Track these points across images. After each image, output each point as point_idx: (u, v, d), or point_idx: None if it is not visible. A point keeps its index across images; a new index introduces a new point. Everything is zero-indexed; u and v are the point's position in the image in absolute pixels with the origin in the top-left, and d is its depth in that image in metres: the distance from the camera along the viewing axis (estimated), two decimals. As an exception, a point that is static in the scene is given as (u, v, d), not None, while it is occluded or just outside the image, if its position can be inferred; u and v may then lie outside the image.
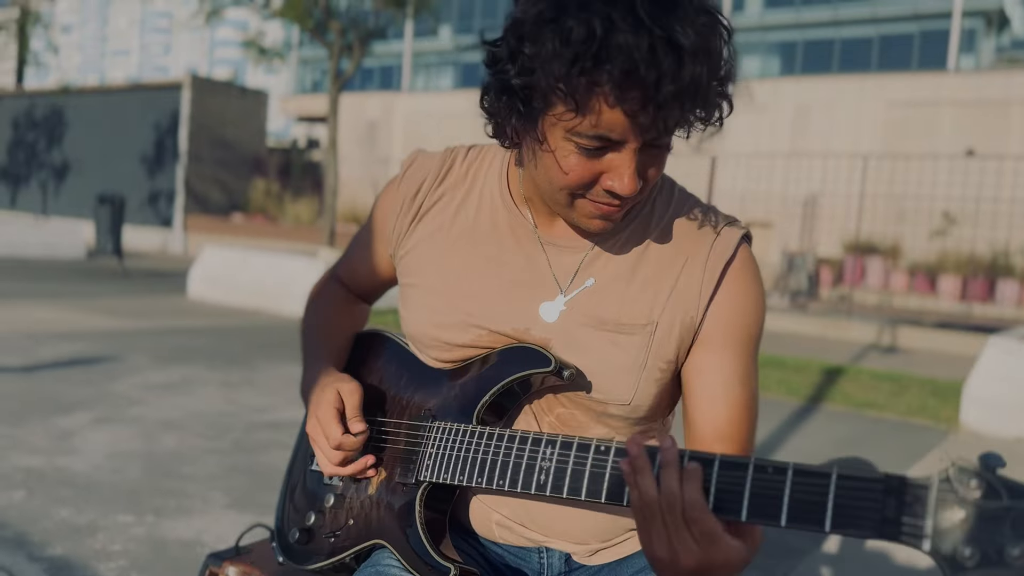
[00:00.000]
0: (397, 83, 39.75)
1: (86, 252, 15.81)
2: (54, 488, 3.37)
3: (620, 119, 0.90)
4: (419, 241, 1.20)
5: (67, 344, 6.56)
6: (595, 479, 0.94)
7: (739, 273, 1.08)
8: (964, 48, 29.23)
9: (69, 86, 25.20)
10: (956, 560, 0.70)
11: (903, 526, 0.73)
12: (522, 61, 0.92)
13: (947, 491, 0.71)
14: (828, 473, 0.77)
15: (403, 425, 1.17)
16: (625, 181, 0.95)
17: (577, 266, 1.11)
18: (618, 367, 1.08)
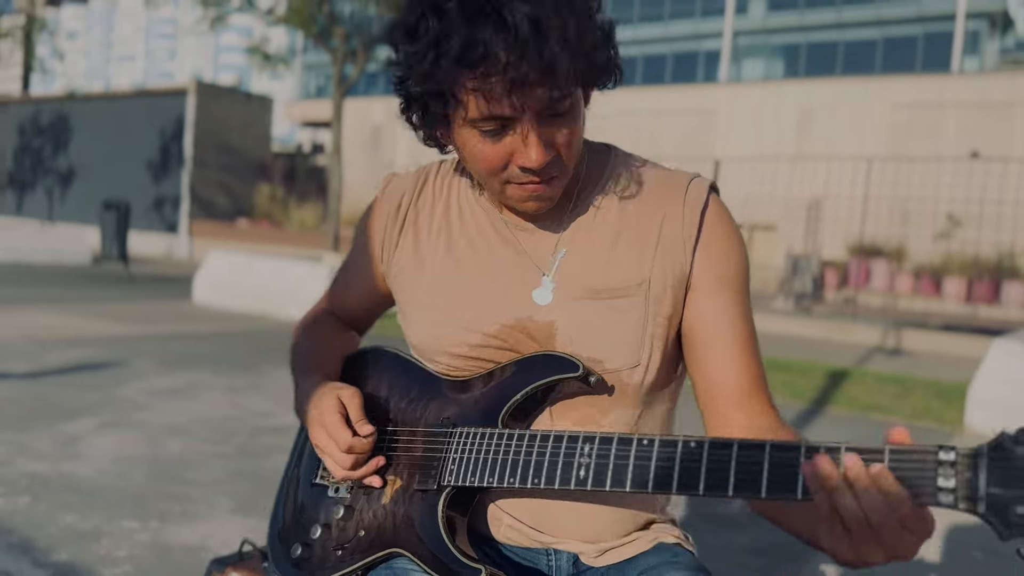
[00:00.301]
0: (401, 88, 39.81)
1: (92, 258, 15.86)
2: (59, 494, 3.38)
3: (497, 98, 0.96)
4: (409, 253, 1.23)
5: (73, 350, 6.58)
6: (640, 470, 0.95)
7: (716, 219, 1.13)
8: (968, 50, 29.18)
9: (75, 92, 25.30)
10: (1009, 519, 0.74)
11: (958, 492, 0.76)
12: (404, 72, 1.02)
13: (997, 458, 0.75)
14: (882, 449, 0.81)
15: (419, 433, 1.16)
16: (531, 154, 1.00)
17: (555, 242, 1.15)
18: (621, 331, 1.10)
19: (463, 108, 0.99)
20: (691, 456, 0.92)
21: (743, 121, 23.44)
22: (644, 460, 0.95)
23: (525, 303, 1.13)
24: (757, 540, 3.46)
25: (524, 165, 1.02)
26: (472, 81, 0.95)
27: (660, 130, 23.20)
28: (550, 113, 1.00)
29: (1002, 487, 0.75)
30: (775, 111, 23.14)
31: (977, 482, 0.76)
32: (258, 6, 14.68)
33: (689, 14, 33.89)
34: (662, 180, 1.16)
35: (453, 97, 0.98)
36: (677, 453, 0.93)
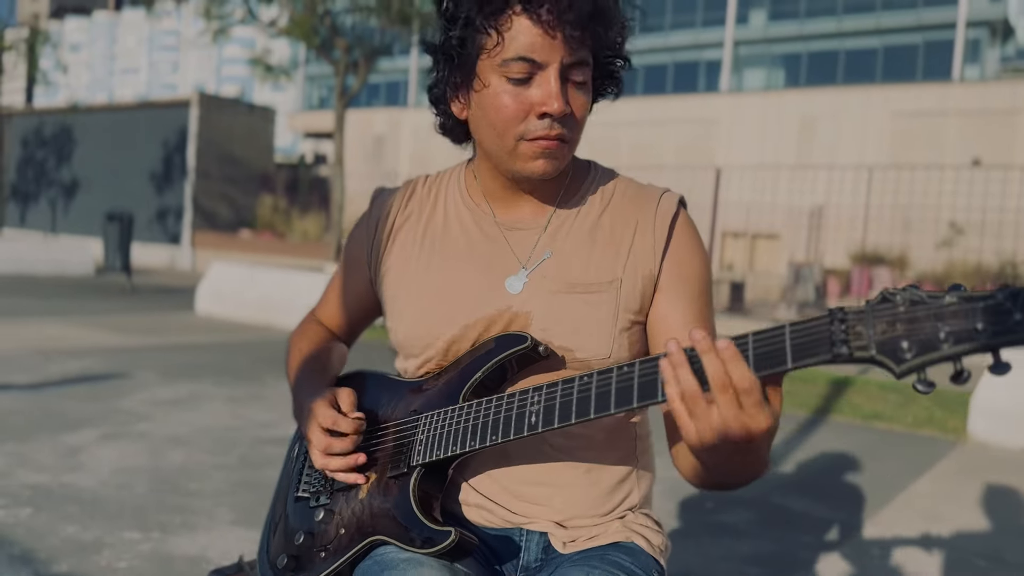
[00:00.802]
0: (403, 99, 39.94)
1: (94, 269, 15.90)
2: (61, 505, 3.39)
3: (536, 36, 1.08)
4: (396, 256, 1.30)
5: (75, 361, 6.59)
6: (582, 402, 1.02)
7: (683, 229, 1.24)
8: (969, 58, 29.22)
9: (78, 104, 25.40)
10: (898, 355, 0.81)
11: (851, 343, 0.83)
12: (449, 18, 1.13)
13: (881, 308, 0.83)
14: (782, 325, 0.90)
15: (389, 427, 1.22)
16: (553, 101, 1.10)
17: (535, 242, 1.23)
18: (593, 322, 1.18)
19: (501, 46, 1.10)
20: (625, 377, 0.99)
21: (744, 130, 23.47)
22: (585, 391, 1.01)
23: (499, 292, 1.21)
24: (758, 549, 3.45)
25: (545, 110, 1.10)
26: (519, 15, 1.08)
27: (662, 140, 23.24)
28: (568, 77, 1.12)
29: (888, 331, 0.82)
30: (776, 120, 23.16)
31: (868, 331, 0.83)
32: (261, 18, 14.74)
33: (690, 24, 33.99)
34: (635, 193, 1.27)
35: (497, 32, 1.09)
36: (612, 377, 1.00)
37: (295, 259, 18.01)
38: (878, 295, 0.85)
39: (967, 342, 0.78)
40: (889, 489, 4.47)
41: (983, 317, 0.77)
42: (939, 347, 0.79)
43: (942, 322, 0.80)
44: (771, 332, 0.90)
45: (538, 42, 1.09)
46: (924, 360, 0.80)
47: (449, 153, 5.07)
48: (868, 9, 30.86)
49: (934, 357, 0.80)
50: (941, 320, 0.80)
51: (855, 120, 22.08)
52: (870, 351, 0.83)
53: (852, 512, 4.09)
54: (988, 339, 0.77)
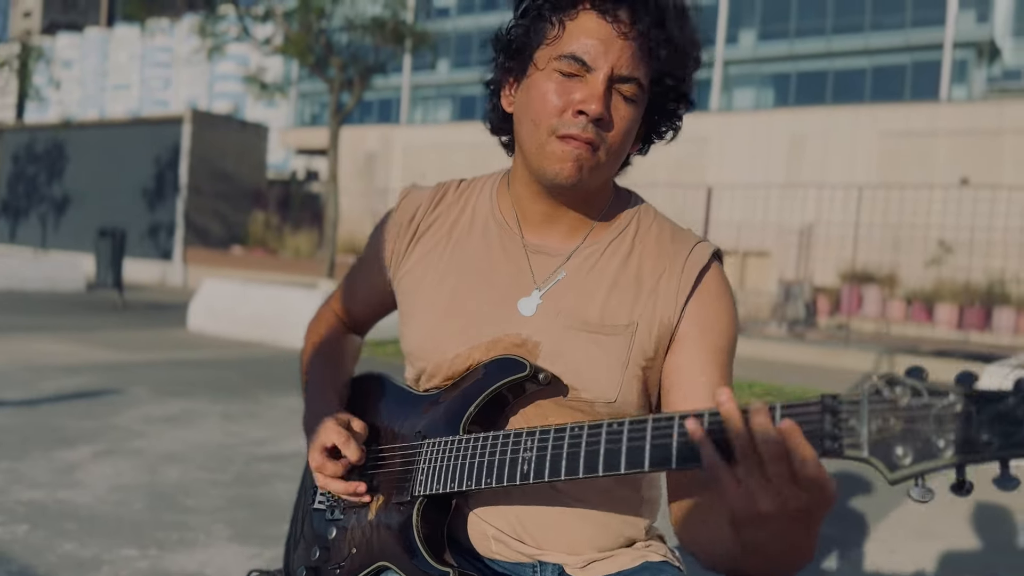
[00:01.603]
0: (395, 116, 40.07)
1: (86, 285, 15.84)
2: (57, 521, 3.38)
3: (596, 35, 1.09)
4: (416, 262, 1.28)
5: (68, 377, 6.57)
6: (572, 458, 0.98)
7: (712, 282, 1.18)
8: (956, 79, 29.55)
9: (70, 120, 25.38)
10: (892, 461, 0.75)
11: (842, 439, 0.77)
12: (522, 12, 1.14)
13: (877, 401, 0.76)
14: (773, 406, 0.82)
15: (396, 449, 1.22)
16: (592, 101, 1.08)
17: (555, 268, 1.20)
18: (602, 366, 1.14)
19: (560, 39, 1.10)
20: (614, 437, 0.94)
21: (735, 149, 23.63)
22: (575, 447, 0.98)
23: (511, 313, 1.19)
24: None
25: (582, 108, 1.08)
26: (587, 11, 1.10)
27: (653, 157, 23.24)
28: (617, 88, 1.11)
29: (882, 431, 0.75)
30: (766, 139, 23.34)
31: (860, 428, 0.76)
32: (255, 36, 14.81)
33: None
34: (670, 238, 1.23)
35: (560, 23, 1.10)
36: (602, 435, 0.96)
37: (287, 275, 17.99)
38: (872, 383, 0.77)
39: (970, 453, 0.71)
40: (882, 506, 4.49)
41: (990, 426, 0.70)
42: (938, 455, 0.73)
43: (943, 426, 0.72)
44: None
45: (596, 43, 1.09)
46: (921, 468, 0.74)
47: (441, 171, 5.24)
48: (857, 30, 31.19)
49: (932, 466, 0.73)
50: (943, 423, 0.72)
51: (844, 139, 22.26)
52: (862, 452, 0.76)
53: (846, 528, 4.11)
54: (995, 452, 0.70)
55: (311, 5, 13.60)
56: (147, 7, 16.67)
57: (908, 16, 30.22)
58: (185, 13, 17.17)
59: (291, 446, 4.93)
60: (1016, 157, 19.84)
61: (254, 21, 14.94)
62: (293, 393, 6.68)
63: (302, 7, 13.74)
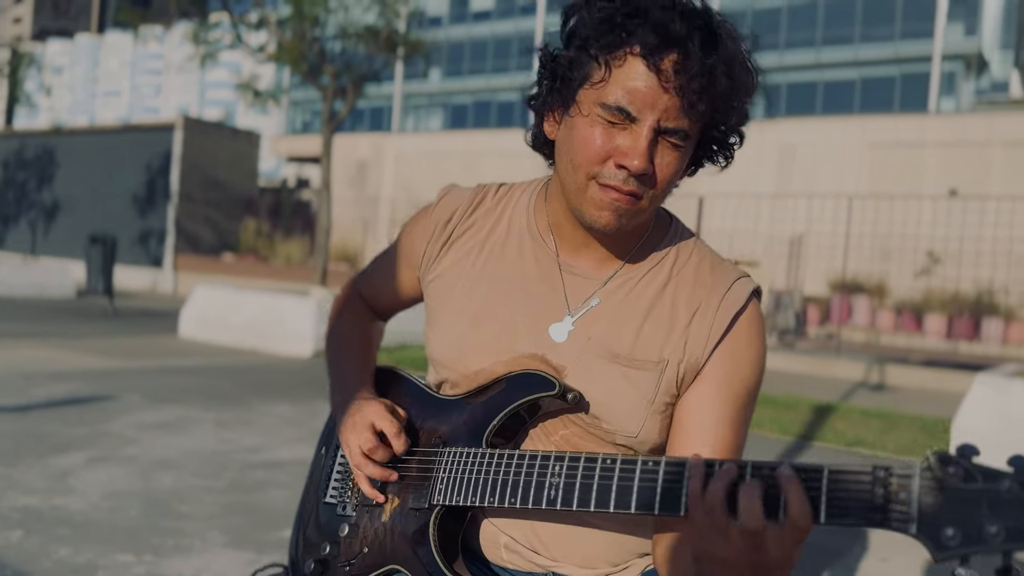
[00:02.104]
0: (387, 124, 40.12)
1: (76, 292, 15.78)
2: (52, 527, 3.37)
3: (643, 85, 1.02)
4: (448, 267, 1.26)
5: (60, 384, 6.55)
6: (603, 491, 0.98)
7: (747, 325, 1.15)
8: (944, 91, 29.80)
9: (61, 127, 25.31)
10: (941, 541, 0.75)
11: (891, 513, 0.78)
12: (568, 35, 1.09)
13: (928, 478, 0.76)
14: (820, 468, 0.83)
15: (415, 453, 1.21)
16: (635, 156, 1.04)
17: (591, 294, 1.17)
18: (628, 400, 1.13)
19: (606, 83, 1.04)
20: (650, 476, 0.94)
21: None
22: (607, 480, 0.97)
23: (542, 337, 1.17)
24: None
25: (623, 163, 1.05)
26: (635, 58, 1.03)
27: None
28: (664, 137, 1.06)
29: (933, 509, 0.76)
30: (757, 149, 23.44)
31: (911, 505, 0.77)
32: (248, 44, 14.81)
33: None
34: (708, 271, 1.19)
35: (607, 66, 1.04)
36: (636, 473, 0.95)
37: (278, 283, 17.96)
38: (926, 459, 0.77)
39: (1020, 540, 0.72)
40: (874, 514, 4.51)
41: None
42: (988, 541, 0.73)
43: (996, 512, 0.72)
44: (807, 475, 0.83)
45: (642, 93, 1.03)
46: (968, 551, 0.74)
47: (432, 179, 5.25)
48: (846, 42, 31.44)
49: (979, 550, 0.74)
50: (996, 509, 0.73)
51: (833, 150, 22.40)
52: (910, 528, 0.77)
53: (839, 536, 4.13)
54: None
55: (305, 13, 13.63)
56: (140, 14, 16.66)
57: (897, 29, 30.49)
58: (178, 20, 17.15)
59: (285, 453, 4.93)
60: (1004, 169, 20.01)
61: (247, 29, 14.95)
62: (286, 401, 6.67)
63: (296, 15, 13.77)
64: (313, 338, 9.62)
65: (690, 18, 1.03)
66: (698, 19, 1.04)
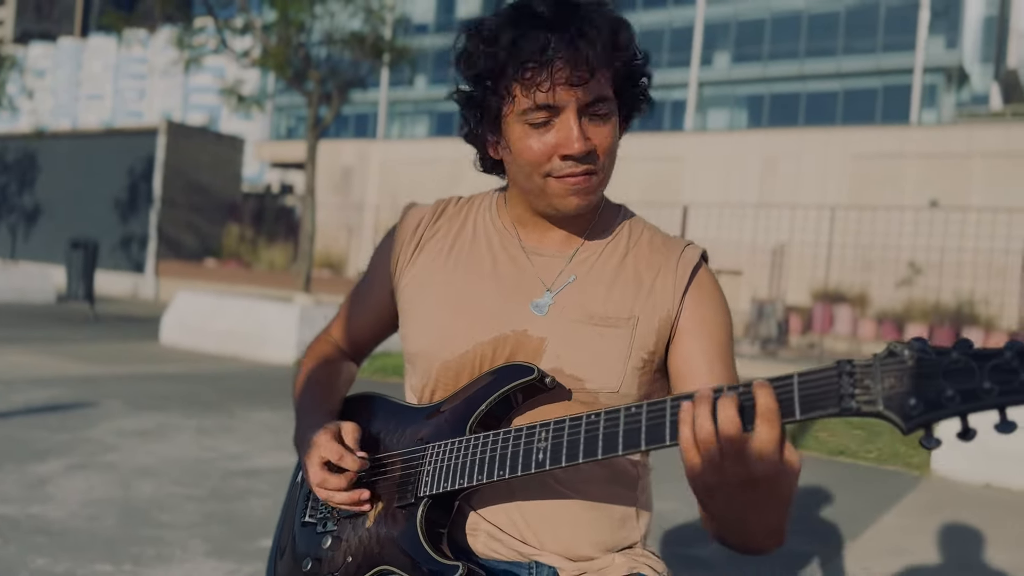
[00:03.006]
0: (372, 130, 40.06)
1: (56, 297, 15.63)
2: (29, 536, 3.32)
3: (548, 86, 1.10)
4: (421, 267, 1.32)
5: (39, 390, 6.48)
6: (590, 442, 1.02)
7: (704, 278, 1.26)
8: (926, 103, 30.11)
9: (43, 130, 25.09)
10: (906, 411, 0.82)
11: (858, 396, 0.85)
12: (470, 79, 1.18)
13: (888, 362, 0.85)
14: (791, 374, 0.90)
15: (396, 456, 1.22)
16: (573, 142, 1.12)
17: (561, 269, 1.25)
18: (607, 357, 1.19)
19: (515, 102, 1.13)
20: (633, 419, 1.00)
21: (709, 168, 23.86)
22: (593, 431, 1.02)
23: (523, 314, 1.23)
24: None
25: (566, 152, 1.13)
26: (526, 72, 1.10)
27: (629, 176, 23.56)
28: (589, 113, 1.14)
29: (895, 386, 0.83)
30: (740, 159, 23.60)
31: (875, 385, 0.84)
32: (233, 49, 14.74)
33: (655, 64, 34.22)
34: (661, 242, 1.30)
35: (507, 92, 1.13)
36: (620, 418, 1.01)
37: (261, 289, 17.86)
38: (885, 349, 0.86)
39: (974, 400, 0.79)
40: (858, 523, 4.54)
41: (991, 376, 0.79)
42: (946, 405, 0.80)
43: (949, 379, 0.81)
44: (779, 382, 0.90)
45: (552, 89, 1.11)
46: (931, 417, 0.81)
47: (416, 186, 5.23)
48: (829, 53, 31.71)
49: (941, 414, 0.81)
50: (948, 377, 0.81)
51: (816, 161, 22.57)
52: (877, 406, 0.84)
53: (823, 545, 4.15)
54: (996, 398, 0.78)
55: (290, 19, 13.58)
56: (124, 18, 16.56)
57: (879, 41, 30.78)
58: (162, 24, 17.05)
59: (267, 461, 4.89)
60: (984, 180, 20.22)
61: (232, 34, 14.89)
62: (268, 408, 6.63)
63: (281, 20, 13.72)
64: (296, 345, 9.57)
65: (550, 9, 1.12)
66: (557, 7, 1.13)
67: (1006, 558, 4.12)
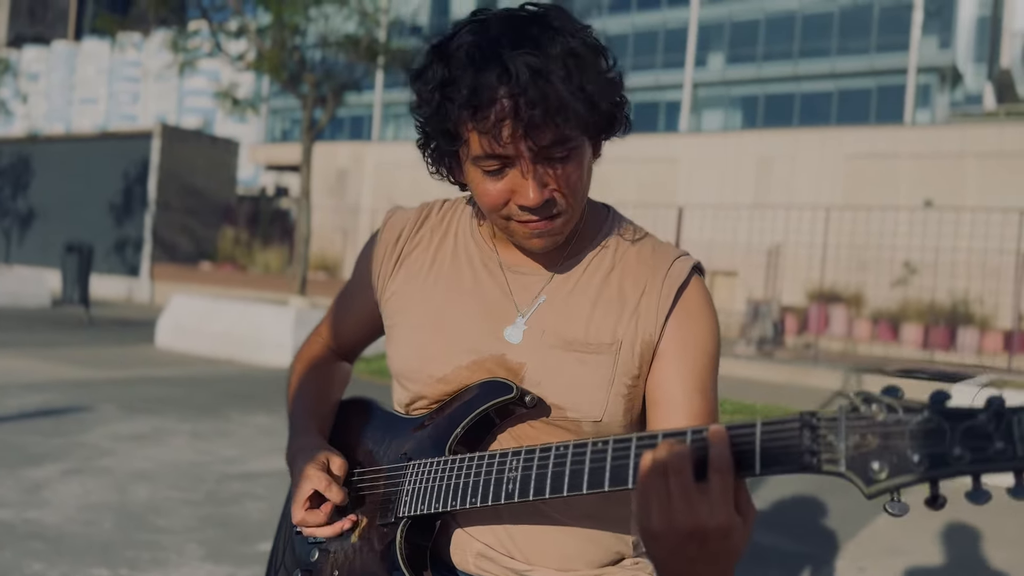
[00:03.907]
0: (367, 133, 40.05)
1: (51, 301, 15.60)
2: (25, 541, 3.32)
3: (496, 133, 1.01)
4: (402, 283, 1.28)
5: (34, 394, 6.46)
6: (556, 478, 0.98)
7: (692, 297, 1.17)
8: (920, 103, 30.19)
9: (37, 134, 25.04)
10: (868, 475, 0.77)
11: (820, 455, 0.79)
12: (419, 112, 1.11)
13: (854, 418, 0.79)
14: (753, 423, 0.84)
15: (381, 471, 1.22)
16: (528, 193, 1.05)
17: (538, 290, 1.20)
18: (588, 385, 1.14)
19: (467, 146, 1.06)
20: (599, 456, 0.95)
21: (704, 169, 23.90)
22: (560, 466, 0.98)
23: (496, 340, 1.18)
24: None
25: (521, 203, 1.06)
26: (474, 123, 1.02)
27: (623, 177, 23.58)
28: (547, 157, 1.04)
29: (859, 446, 0.77)
30: (734, 160, 23.64)
31: (838, 443, 0.78)
32: (228, 52, 14.72)
33: (650, 66, 34.67)
34: (650, 253, 1.21)
35: (458, 136, 1.05)
36: (587, 454, 0.96)
37: (256, 292, 17.85)
38: (856, 396, 0.80)
39: (942, 467, 0.74)
40: (853, 523, 4.55)
41: (963, 440, 0.73)
42: (913, 470, 0.75)
43: (917, 442, 0.75)
44: (742, 429, 0.85)
45: (501, 142, 1.02)
46: (896, 483, 0.76)
47: (412, 188, 5.21)
48: (823, 54, 31.78)
49: (905, 481, 0.75)
50: (916, 439, 0.75)
51: (811, 161, 22.62)
52: (839, 467, 0.79)
53: (817, 545, 4.16)
54: (965, 466, 0.73)
55: (285, 22, 13.56)
56: (118, 21, 16.53)
57: (873, 41, 30.86)
58: (156, 28, 17.02)
59: (262, 465, 4.89)
60: (978, 180, 20.28)
61: (227, 37, 14.87)
62: (263, 411, 6.62)
63: (276, 23, 13.70)
64: (291, 348, 9.56)
65: (500, 46, 1.02)
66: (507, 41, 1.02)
67: (1003, 556, 4.13)
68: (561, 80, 1.01)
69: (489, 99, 1.00)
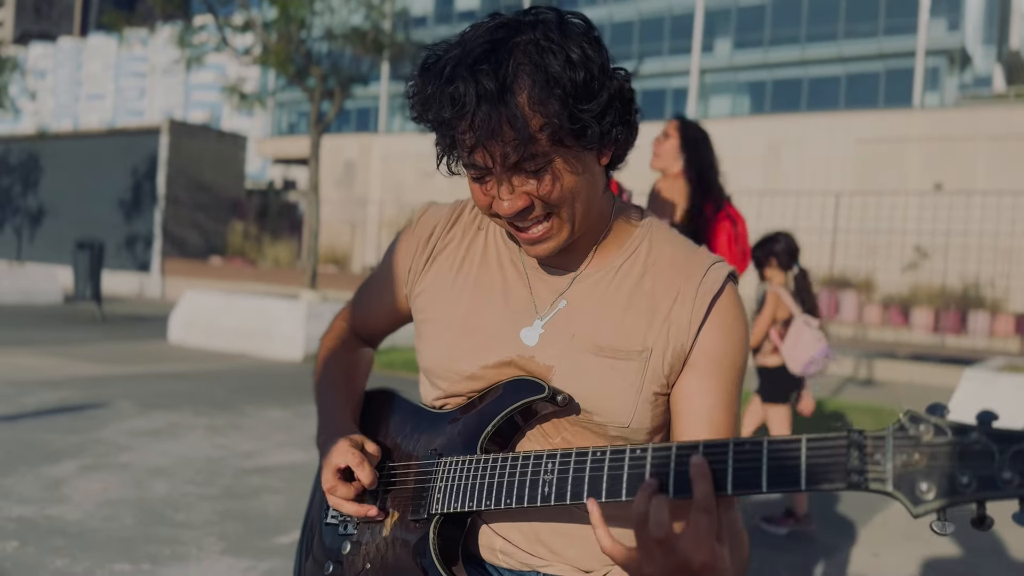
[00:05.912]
0: (374, 124, 40.03)
1: (63, 298, 15.69)
2: (47, 537, 3.36)
3: (471, 145, 1.04)
4: (433, 279, 1.30)
5: (50, 391, 6.52)
6: (594, 482, 1.00)
7: (725, 307, 1.17)
8: (928, 86, 29.97)
9: (46, 131, 25.13)
10: (916, 495, 0.78)
11: (867, 473, 0.81)
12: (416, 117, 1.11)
13: (901, 437, 0.80)
14: (799, 439, 0.86)
15: (412, 466, 1.23)
16: (502, 204, 1.08)
17: (558, 292, 1.20)
18: (617, 391, 1.15)
19: (455, 148, 1.09)
20: (638, 462, 0.97)
21: (712, 156, 23.83)
22: (597, 471, 1.00)
23: (514, 341, 1.20)
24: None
25: (496, 212, 1.10)
26: (454, 132, 1.05)
27: (631, 164, 23.55)
28: (519, 169, 1.05)
29: (907, 466, 0.79)
30: (743, 146, 23.55)
31: (886, 463, 0.80)
32: (234, 47, 14.74)
33: (657, 52, 34.52)
34: (684, 260, 1.20)
35: (451, 139, 1.07)
36: (625, 461, 0.98)
37: (267, 285, 17.90)
38: (904, 415, 0.80)
39: (991, 489, 0.74)
40: (867, 509, 4.56)
41: (1012, 463, 0.73)
42: (961, 491, 0.75)
43: (966, 463, 0.75)
44: (787, 445, 0.86)
45: (474, 153, 1.06)
46: (943, 503, 0.76)
47: (419, 180, 5.23)
48: (831, 38, 31.57)
49: (954, 501, 0.76)
50: (965, 460, 0.75)
51: (819, 146, 22.52)
52: (886, 486, 0.79)
53: (832, 531, 4.17)
54: (1016, 490, 0.73)
55: (291, 15, 13.56)
56: (124, 17, 16.56)
57: (881, 24, 30.63)
58: (162, 23, 17.04)
59: (279, 458, 4.93)
60: (988, 163, 20.16)
61: (233, 31, 14.88)
62: (278, 405, 6.67)
63: (282, 17, 13.70)
64: (304, 341, 9.61)
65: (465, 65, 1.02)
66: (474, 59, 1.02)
67: (1020, 538, 4.13)
68: (515, 101, 1.00)
69: (456, 115, 1.03)
